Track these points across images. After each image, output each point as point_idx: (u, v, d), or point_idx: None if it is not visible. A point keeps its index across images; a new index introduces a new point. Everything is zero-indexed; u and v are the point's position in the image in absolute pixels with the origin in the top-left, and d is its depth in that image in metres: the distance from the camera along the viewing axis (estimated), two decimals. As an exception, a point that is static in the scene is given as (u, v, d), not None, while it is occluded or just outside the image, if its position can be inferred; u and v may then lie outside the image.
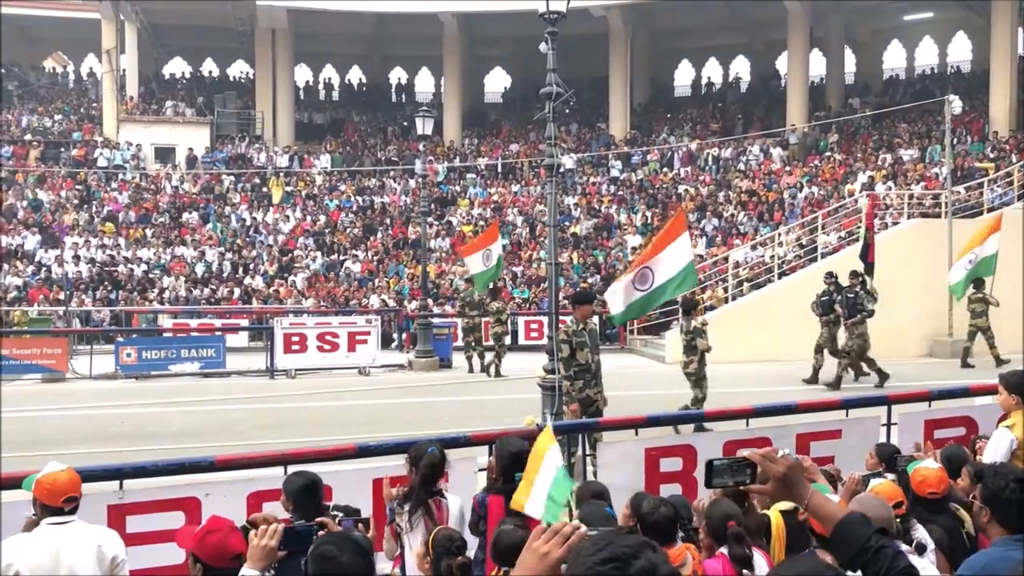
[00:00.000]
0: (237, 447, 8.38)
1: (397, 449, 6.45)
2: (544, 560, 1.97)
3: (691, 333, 11.76)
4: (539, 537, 2.02)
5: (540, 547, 1.99)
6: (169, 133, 32.00)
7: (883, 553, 2.32)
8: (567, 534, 1.98)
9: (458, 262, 25.71)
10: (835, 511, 2.47)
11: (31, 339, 18.58)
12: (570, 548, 1.98)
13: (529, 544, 2.03)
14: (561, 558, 1.97)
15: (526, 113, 33.10)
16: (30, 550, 3.92)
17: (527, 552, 2.02)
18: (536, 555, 1.98)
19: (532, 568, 1.98)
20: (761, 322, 19.29)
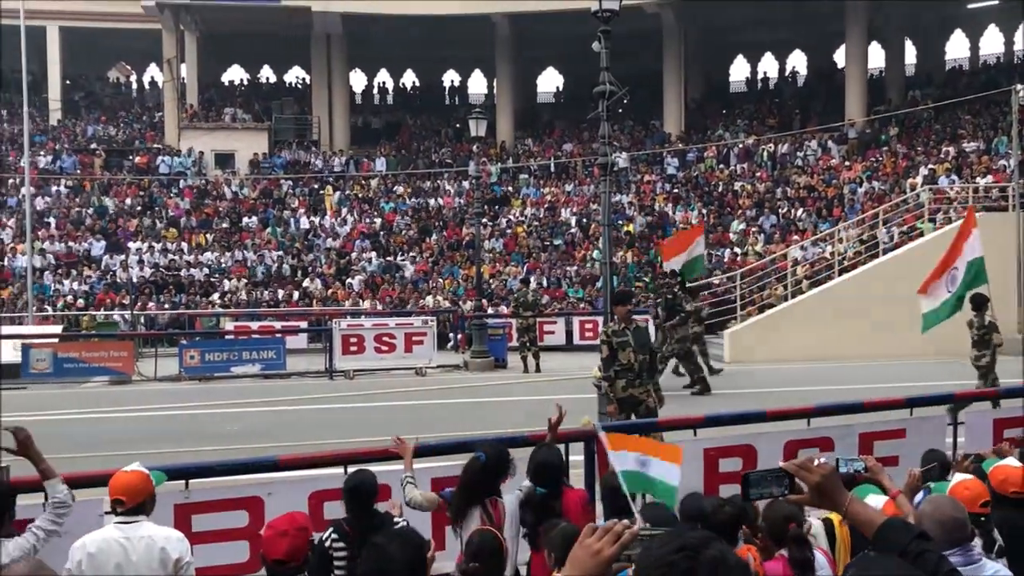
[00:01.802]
0: (299, 447, 8.51)
1: (454, 449, 6.49)
2: (597, 558, 1.96)
3: (985, 328, 11.58)
4: (590, 535, 2.02)
5: (593, 544, 1.99)
6: (228, 139, 32.64)
7: (925, 558, 2.28)
8: (618, 532, 1.98)
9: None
10: (874, 516, 2.46)
11: (98, 343, 19.13)
12: (623, 546, 1.99)
13: (581, 541, 2.02)
14: (614, 556, 1.97)
15: (579, 112, 33.00)
16: (94, 548, 4.01)
17: (579, 549, 2.01)
18: (588, 552, 1.98)
19: (584, 565, 1.98)
20: (821, 320, 18.97)
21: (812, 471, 2.45)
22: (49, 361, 17.74)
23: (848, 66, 31.24)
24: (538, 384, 16.29)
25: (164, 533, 4.20)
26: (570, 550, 2.04)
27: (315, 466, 5.85)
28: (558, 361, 18.86)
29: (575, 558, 2.01)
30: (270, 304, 25.04)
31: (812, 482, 2.44)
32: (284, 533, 3.59)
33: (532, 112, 37.84)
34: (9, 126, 33.35)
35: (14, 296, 24.84)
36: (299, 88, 38.06)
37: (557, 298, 24.77)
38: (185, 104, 33.28)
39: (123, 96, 38.61)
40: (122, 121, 35.05)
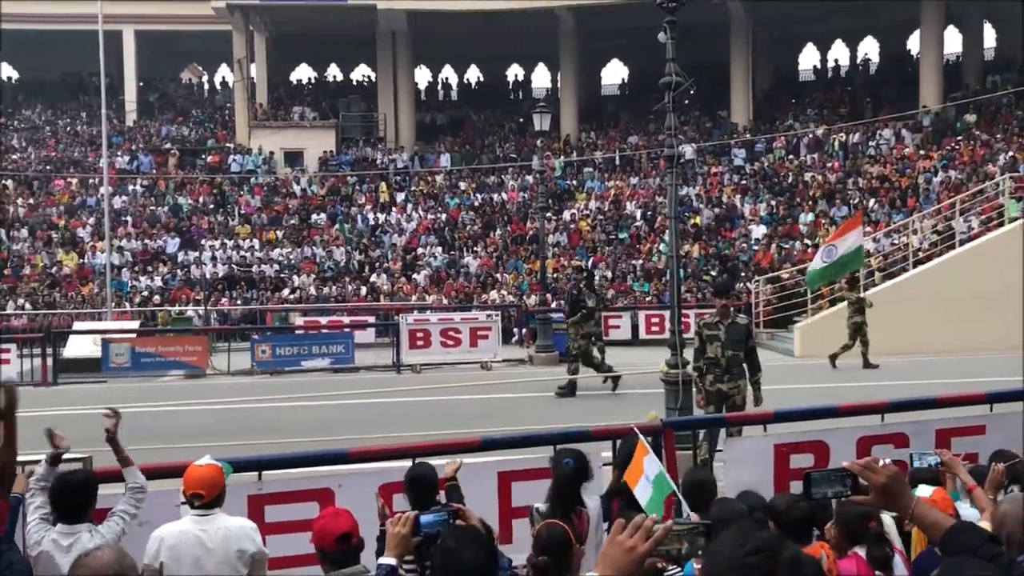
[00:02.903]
0: (368, 440, 8.63)
1: (520, 443, 6.52)
2: (630, 555, 1.95)
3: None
4: (621, 531, 2.00)
5: (626, 541, 1.97)
6: (297, 138, 33.21)
7: (996, 562, 2.20)
8: (649, 527, 1.97)
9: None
10: (941, 519, 2.39)
11: (174, 337, 19.67)
12: (656, 542, 1.96)
13: (612, 538, 2.00)
14: (648, 553, 1.96)
15: (644, 104, 32.69)
16: (173, 540, 4.13)
17: (611, 546, 2.00)
18: (622, 549, 1.97)
19: (617, 563, 1.96)
20: (895, 313, 18.46)
21: (877, 471, 2.39)
22: (127, 355, 18.30)
23: (923, 52, 30.33)
24: (602, 379, 16.20)
25: (238, 523, 4.30)
26: None
27: (384, 459, 5.93)
28: (623, 356, 18.72)
29: (608, 556, 2.00)
30: (338, 299, 25.43)
31: (877, 483, 2.38)
32: (337, 514, 3.67)
33: (596, 105, 37.63)
34: (88, 128, 34.50)
35: (94, 292, 25.69)
36: (365, 86, 38.52)
37: (622, 292, 24.62)
38: (255, 103, 33.96)
39: (195, 96, 39.57)
40: (194, 121, 35.93)
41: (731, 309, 9.08)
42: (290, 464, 5.88)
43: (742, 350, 8.82)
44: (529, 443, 6.39)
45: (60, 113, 36.76)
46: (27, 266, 27.00)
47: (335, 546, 3.57)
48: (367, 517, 4.17)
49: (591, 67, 38.46)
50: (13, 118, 36.13)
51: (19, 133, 34.88)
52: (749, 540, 1.68)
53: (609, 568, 1.97)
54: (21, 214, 29.67)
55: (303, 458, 6.00)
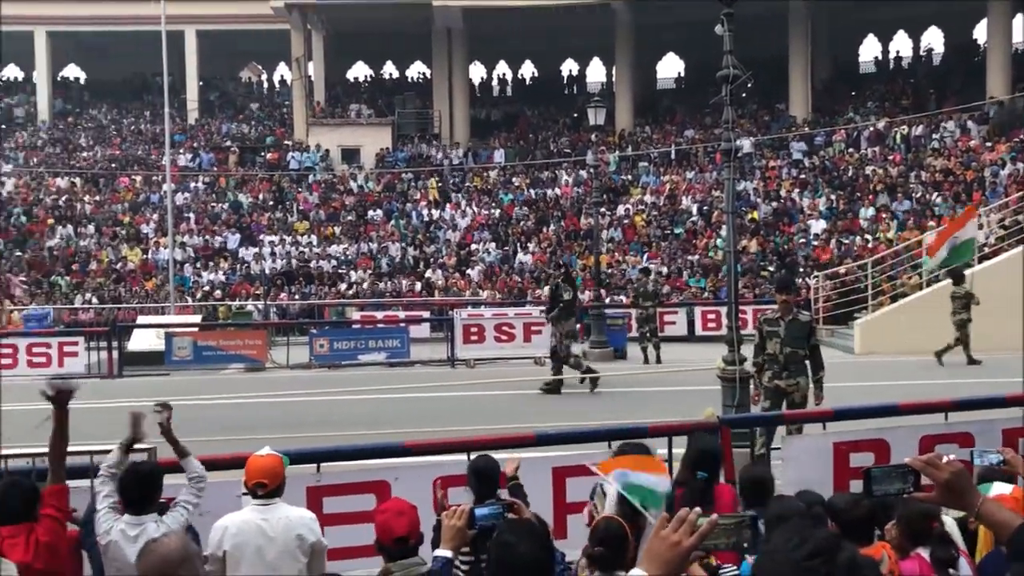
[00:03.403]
0: (423, 433, 8.71)
1: (575, 438, 6.52)
2: (676, 550, 1.93)
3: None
4: (665, 525, 1.97)
5: (670, 536, 1.95)
6: (354, 135, 33.58)
7: None
8: (693, 521, 1.94)
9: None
10: (1009, 518, 2.30)
11: (234, 331, 20.04)
12: (702, 536, 1.94)
13: (656, 533, 1.98)
14: (693, 547, 1.93)
15: (701, 98, 32.35)
16: (235, 529, 4.22)
17: (656, 541, 1.97)
18: (666, 544, 1.94)
19: (662, 558, 1.94)
20: (960, 310, 18.01)
21: (941, 468, 2.31)
22: (189, 349, 18.72)
23: (990, 41, 29.46)
24: (658, 376, 16.13)
25: (299, 514, 4.38)
26: None
27: (440, 452, 5.98)
28: (679, 352, 18.60)
29: (652, 551, 1.97)
30: (394, 294, 25.67)
31: (941, 479, 2.30)
32: (401, 512, 3.72)
33: (652, 99, 37.33)
34: (151, 126, 35.31)
35: (157, 287, 26.32)
36: (420, 83, 38.78)
37: (678, 288, 24.41)
38: (313, 101, 34.41)
39: (255, 95, 40.24)
40: (254, 119, 36.55)
41: (793, 305, 8.94)
42: (347, 456, 5.97)
43: (803, 347, 8.68)
44: (584, 439, 6.39)
45: (125, 112, 37.69)
46: (94, 261, 27.77)
47: (393, 545, 3.63)
48: (423, 509, 4.21)
49: (647, 61, 38.16)
50: (81, 118, 37.17)
51: (86, 132, 35.87)
52: (806, 541, 1.65)
53: (654, 564, 1.95)
54: (88, 211, 30.52)
55: (360, 450, 6.08)
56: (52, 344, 18.80)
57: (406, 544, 3.64)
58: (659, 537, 1.96)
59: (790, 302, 8.86)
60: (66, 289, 26.16)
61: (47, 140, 35.09)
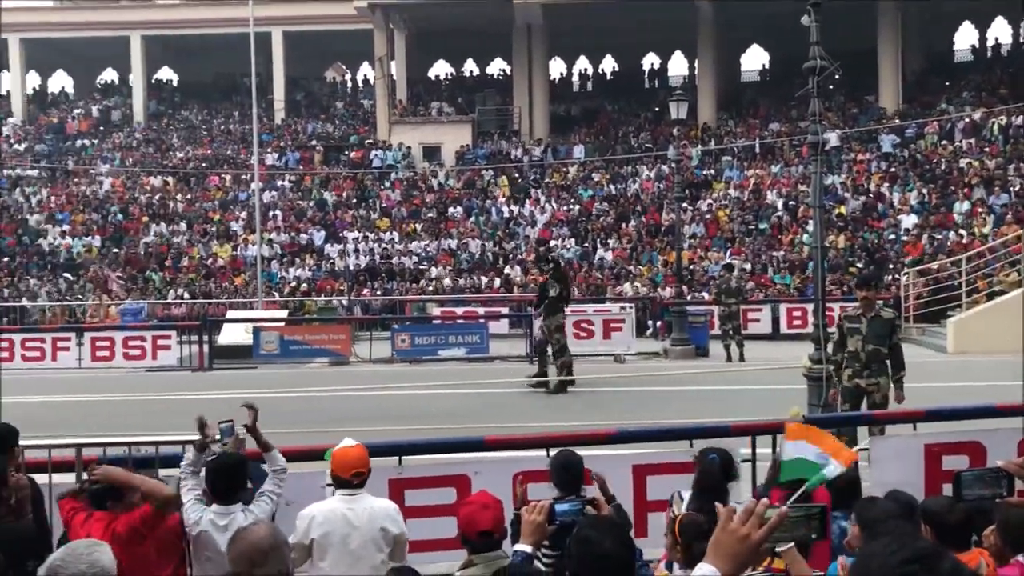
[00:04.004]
0: (502, 429, 8.75)
1: (655, 436, 6.45)
2: (745, 543, 1.88)
3: None
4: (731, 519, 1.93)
5: (739, 529, 1.90)
6: (435, 132, 33.93)
7: None
8: (761, 514, 1.89)
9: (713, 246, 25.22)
10: None
11: (319, 326, 20.48)
12: (771, 529, 1.89)
13: (723, 526, 1.93)
14: (763, 540, 1.88)
15: (786, 90, 31.66)
16: (322, 518, 4.32)
17: (723, 534, 1.92)
18: (735, 537, 1.89)
19: (731, 551, 1.89)
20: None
21: None
22: (277, 343, 19.18)
23: (1097, 26, 28.03)
24: (741, 374, 15.86)
25: (382, 505, 4.46)
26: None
27: (520, 447, 6.00)
28: (763, 350, 18.25)
29: (720, 544, 1.92)
30: (473, 291, 25.84)
31: None
32: (486, 506, 3.74)
33: (735, 92, 36.70)
34: (240, 126, 36.32)
35: (246, 283, 27.06)
36: (500, 79, 38.93)
37: (762, 284, 23.95)
38: (395, 100, 34.88)
39: (339, 94, 41.00)
40: (338, 118, 37.25)
41: (875, 302, 8.68)
42: (428, 450, 6.03)
43: (885, 345, 8.42)
44: (664, 437, 6.33)
45: (215, 113, 38.85)
46: (186, 258, 28.71)
47: (477, 538, 3.67)
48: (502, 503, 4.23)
49: (730, 54, 37.54)
50: (173, 119, 38.47)
51: (178, 132, 37.11)
52: (904, 547, 1.60)
53: (722, 558, 1.91)
54: (180, 209, 31.58)
55: (441, 444, 6.15)
56: (146, 338, 19.53)
57: (490, 538, 3.67)
58: (727, 531, 1.92)
59: (871, 299, 8.60)
60: (160, 285, 27.11)
61: (142, 140, 36.43)
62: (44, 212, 31.85)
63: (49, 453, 5.41)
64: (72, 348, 19.32)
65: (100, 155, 35.46)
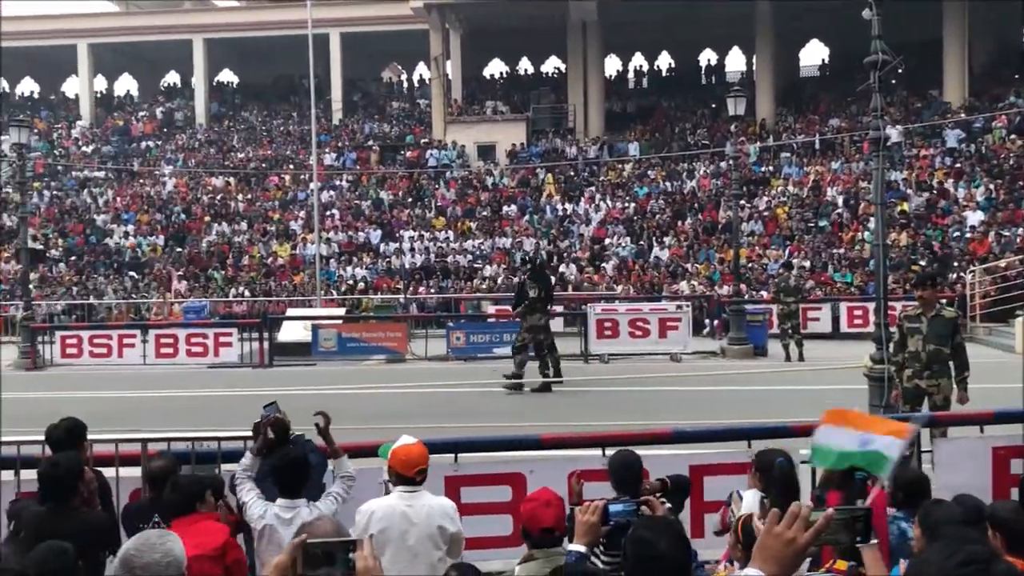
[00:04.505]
0: (557, 427, 8.75)
1: (713, 436, 6.40)
2: (791, 546, 1.87)
3: None
4: (776, 522, 1.91)
5: (785, 532, 1.89)
6: (490, 131, 34.04)
7: None
8: (807, 517, 1.88)
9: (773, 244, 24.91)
10: None
11: (376, 324, 20.69)
12: (818, 532, 1.87)
13: (769, 530, 1.92)
14: (809, 543, 1.87)
15: (846, 85, 31.07)
16: (381, 514, 4.37)
17: (768, 537, 1.91)
18: (781, 541, 1.89)
19: (777, 555, 1.89)
20: None
21: None
22: (335, 340, 19.43)
23: None
24: (800, 373, 15.62)
25: (440, 502, 4.50)
26: None
27: (575, 446, 5.99)
28: (823, 349, 17.95)
29: (766, 548, 1.91)
30: (528, 289, 25.81)
31: None
32: (549, 503, 3.77)
33: (794, 87, 36.13)
34: (299, 127, 36.87)
35: (304, 281, 27.47)
36: (555, 77, 38.89)
37: (822, 283, 23.53)
38: (450, 99, 35.07)
39: (395, 94, 41.37)
40: (395, 118, 37.59)
41: (936, 301, 8.47)
42: (484, 447, 6.06)
43: (947, 345, 8.20)
44: (722, 437, 6.27)
45: (274, 114, 39.50)
46: (246, 257, 29.25)
47: (539, 534, 3.70)
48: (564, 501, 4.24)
49: (789, 48, 36.98)
50: (234, 120, 39.22)
51: (239, 134, 37.82)
52: (960, 551, 1.59)
53: (768, 561, 1.90)
54: (241, 208, 32.18)
55: (497, 442, 6.17)
56: (209, 335, 19.93)
57: (552, 534, 3.70)
58: (772, 534, 1.91)
59: (931, 298, 8.39)
60: (221, 283, 27.66)
61: (204, 142, 37.21)
62: (110, 212, 32.74)
63: (116, 447, 5.56)
64: (137, 345, 19.81)
65: (164, 156, 36.31)
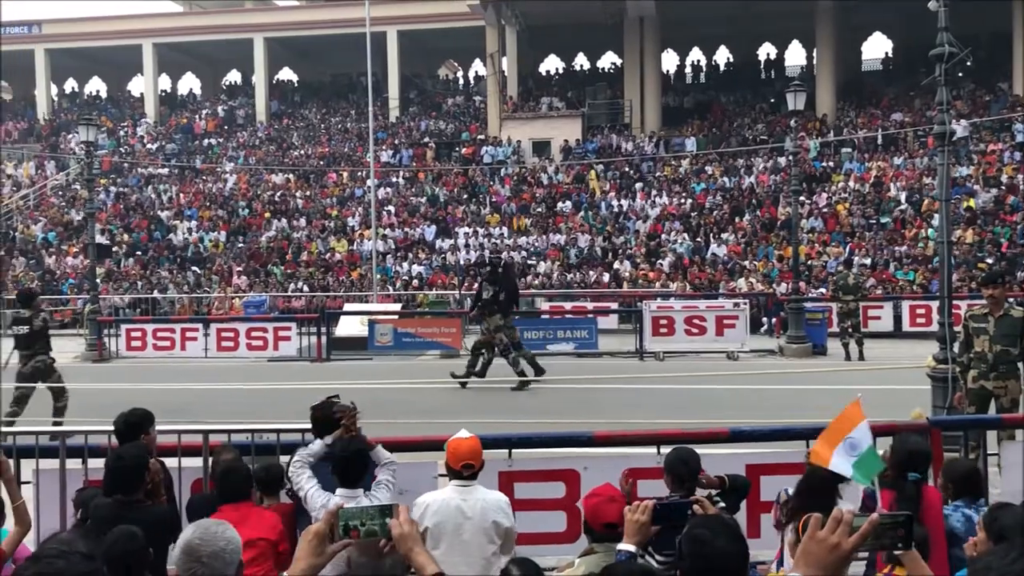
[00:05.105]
0: (610, 425, 8.72)
1: (770, 435, 6.31)
2: (836, 552, 1.85)
3: None
4: (819, 527, 1.89)
5: (829, 538, 1.87)
6: (545, 127, 34.01)
7: None
8: (850, 522, 1.86)
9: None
10: None
11: (431, 319, 20.82)
12: (863, 537, 1.85)
13: (811, 535, 1.90)
14: (854, 549, 1.85)
15: (910, 79, 30.42)
16: (436, 507, 4.41)
17: (812, 543, 1.89)
18: (825, 547, 1.87)
19: (821, 560, 1.87)
20: None
21: None
22: (391, 335, 19.61)
23: None
24: (860, 373, 15.31)
25: (494, 497, 4.53)
26: None
27: (629, 444, 5.96)
28: (884, 349, 17.59)
29: (810, 554, 1.90)
30: (582, 285, 25.79)
31: None
32: (613, 499, 3.79)
33: (856, 82, 35.41)
34: (356, 124, 37.29)
35: (361, 276, 27.79)
36: (611, 73, 38.69)
37: (884, 281, 23.05)
38: (505, 96, 35.12)
39: (451, 91, 41.58)
40: (450, 115, 37.79)
41: (1004, 300, 8.24)
42: (538, 444, 6.06)
43: (1015, 346, 7.98)
44: (779, 436, 6.19)
45: (332, 112, 40.00)
46: (305, 252, 29.68)
47: (601, 529, 3.72)
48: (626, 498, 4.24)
49: (851, 42, 36.26)
50: (293, 118, 39.83)
51: (298, 131, 38.38)
52: (1021, 556, 1.57)
53: (812, 567, 1.88)
54: (300, 205, 32.67)
55: (551, 439, 6.17)
56: (268, 329, 20.29)
57: (614, 530, 3.71)
58: (815, 539, 1.90)
59: (999, 296, 8.15)
60: (281, 278, 28.12)
61: (264, 139, 37.85)
62: (174, 208, 33.50)
63: (179, 438, 5.69)
64: (199, 338, 20.25)
65: (225, 154, 37.03)
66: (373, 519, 2.45)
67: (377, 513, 2.47)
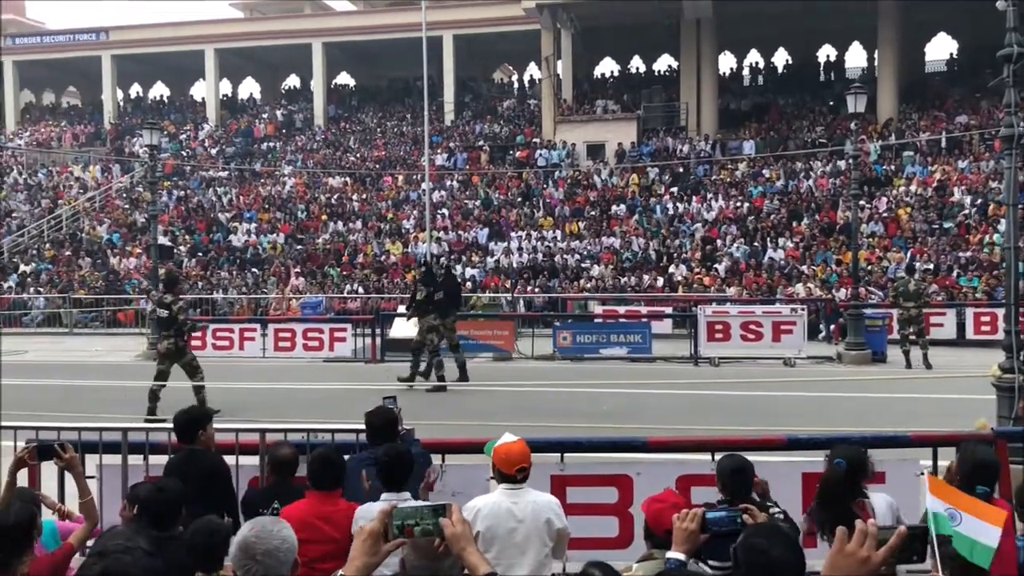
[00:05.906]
0: (664, 431, 8.64)
1: (827, 443, 6.19)
2: (865, 565, 1.86)
3: None
4: (847, 540, 1.90)
5: (858, 551, 1.87)
6: (600, 130, 33.88)
7: None
8: (874, 534, 1.87)
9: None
10: None
11: (484, 322, 20.87)
12: (892, 550, 1.87)
13: (838, 548, 1.91)
14: (883, 561, 1.85)
15: (976, 81, 29.64)
16: (487, 511, 4.41)
17: (840, 556, 1.90)
18: (855, 560, 1.87)
19: (850, 573, 1.88)
20: None
21: None
22: (444, 338, 19.70)
23: None
24: (921, 382, 14.97)
25: (545, 499, 4.52)
26: None
27: (683, 450, 5.91)
28: (947, 356, 17.18)
29: (837, 567, 1.90)
30: (636, 289, 25.63)
31: None
32: (675, 505, 3.76)
33: (919, 83, 34.64)
34: (412, 128, 37.60)
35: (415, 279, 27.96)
36: (667, 75, 38.41)
37: (947, 287, 22.49)
38: (560, 99, 35.08)
39: (506, 95, 41.69)
40: (505, 118, 37.87)
41: None
42: (590, 448, 6.04)
43: None
44: (837, 444, 6.06)
45: (389, 115, 40.40)
46: (360, 254, 30.00)
47: (664, 535, 3.70)
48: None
49: (914, 43, 35.47)
50: (350, 121, 40.32)
51: (354, 135, 38.84)
52: None
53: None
54: (356, 208, 33.04)
55: (603, 443, 6.14)
56: (324, 330, 20.55)
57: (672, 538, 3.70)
58: (843, 553, 1.90)
59: None
60: (337, 279, 28.46)
61: (322, 143, 38.37)
62: (233, 211, 34.14)
63: (236, 436, 5.79)
64: (257, 338, 20.60)
65: (284, 157, 37.63)
66: (426, 518, 2.47)
67: (430, 512, 2.48)
